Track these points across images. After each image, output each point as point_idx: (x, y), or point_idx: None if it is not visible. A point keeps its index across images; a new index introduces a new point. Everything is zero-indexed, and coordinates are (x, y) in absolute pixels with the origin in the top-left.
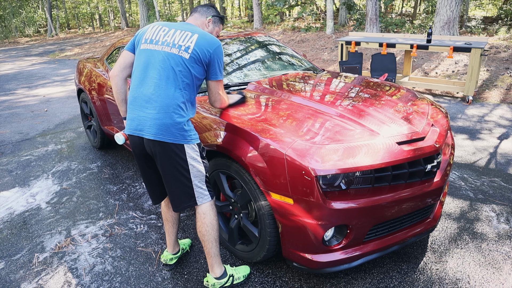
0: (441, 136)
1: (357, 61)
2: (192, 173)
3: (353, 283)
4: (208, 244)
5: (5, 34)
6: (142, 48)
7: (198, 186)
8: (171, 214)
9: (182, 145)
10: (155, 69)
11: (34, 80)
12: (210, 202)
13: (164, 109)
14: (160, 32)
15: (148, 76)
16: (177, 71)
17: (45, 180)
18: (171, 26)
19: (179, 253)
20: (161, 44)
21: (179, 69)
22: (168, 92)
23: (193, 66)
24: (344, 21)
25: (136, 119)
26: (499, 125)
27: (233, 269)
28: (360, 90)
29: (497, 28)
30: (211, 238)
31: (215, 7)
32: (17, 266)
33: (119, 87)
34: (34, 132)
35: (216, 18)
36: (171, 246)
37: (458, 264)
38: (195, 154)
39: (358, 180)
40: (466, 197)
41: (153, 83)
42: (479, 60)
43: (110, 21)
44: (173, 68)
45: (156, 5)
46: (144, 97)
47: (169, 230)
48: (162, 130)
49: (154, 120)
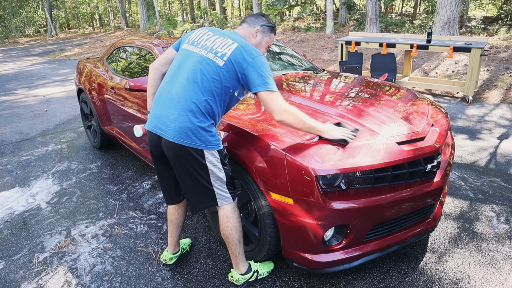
0: (441, 136)
1: (357, 61)
2: (212, 177)
3: (353, 283)
4: (233, 246)
5: (5, 34)
6: (182, 48)
7: (219, 189)
8: (177, 216)
9: (202, 150)
10: (186, 70)
11: (34, 80)
12: (232, 205)
13: (185, 112)
14: (204, 36)
15: (178, 76)
16: (208, 77)
17: (45, 180)
18: (216, 32)
19: (178, 252)
20: (200, 47)
21: (210, 75)
22: (193, 95)
23: (225, 74)
24: (344, 21)
25: (157, 117)
26: (499, 125)
27: (257, 264)
28: (360, 90)
29: (497, 28)
30: (235, 240)
31: (266, 16)
32: (17, 266)
33: (154, 80)
34: (34, 132)
35: (265, 28)
36: (172, 246)
37: (458, 264)
38: (215, 160)
39: (358, 180)
40: (466, 197)
41: (180, 84)
42: (479, 60)
43: (110, 21)
44: (203, 73)
45: (156, 5)
46: (169, 96)
47: (173, 231)
48: (182, 133)
49: (174, 122)
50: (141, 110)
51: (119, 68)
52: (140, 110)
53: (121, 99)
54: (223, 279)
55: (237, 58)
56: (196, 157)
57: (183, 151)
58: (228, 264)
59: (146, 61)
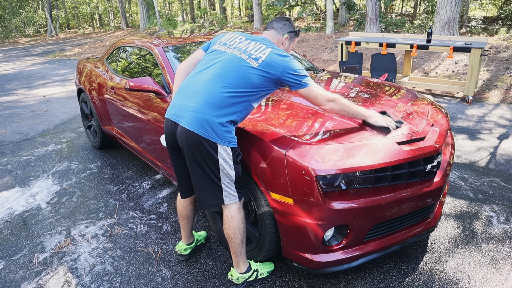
0: (441, 136)
1: (357, 61)
2: (221, 173)
3: (353, 283)
4: (235, 246)
5: (5, 34)
6: (213, 47)
7: (227, 186)
8: (186, 212)
9: (216, 143)
10: (215, 66)
11: (34, 80)
12: (238, 205)
13: (205, 105)
14: (236, 39)
15: (206, 71)
16: (237, 75)
17: (45, 180)
18: (248, 37)
19: (193, 243)
20: (232, 48)
21: (240, 73)
22: (216, 90)
23: (258, 76)
24: (344, 21)
25: (178, 106)
26: (499, 125)
27: (258, 264)
28: (360, 90)
29: (497, 28)
30: (238, 241)
31: (291, 21)
32: (17, 266)
33: (179, 80)
34: (34, 132)
35: (291, 34)
36: (185, 238)
37: (458, 264)
38: (228, 156)
39: (358, 180)
40: (466, 197)
41: (206, 77)
42: (479, 60)
43: (110, 21)
44: (232, 70)
45: (156, 5)
46: (193, 88)
47: (184, 225)
48: (199, 123)
49: (193, 112)
50: (141, 110)
51: (119, 68)
52: (140, 110)
53: (121, 99)
54: (223, 279)
55: (272, 62)
56: (208, 149)
57: (197, 141)
58: (228, 264)
59: (146, 61)
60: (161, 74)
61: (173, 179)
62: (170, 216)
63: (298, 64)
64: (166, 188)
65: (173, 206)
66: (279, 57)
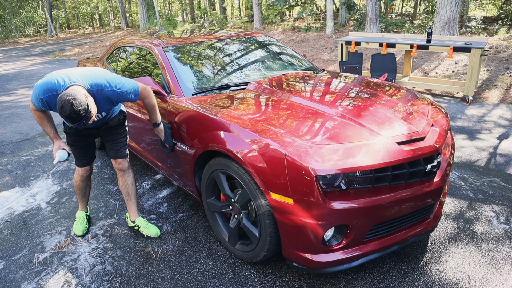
0: (441, 136)
1: (357, 61)
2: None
3: (353, 283)
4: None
5: (5, 34)
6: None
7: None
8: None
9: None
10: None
11: (34, 80)
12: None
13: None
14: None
15: None
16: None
17: (45, 180)
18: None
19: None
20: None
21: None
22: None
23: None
24: (344, 21)
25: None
26: (499, 125)
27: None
28: (360, 90)
29: (497, 28)
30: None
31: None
32: (17, 266)
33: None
34: (34, 132)
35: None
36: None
37: (458, 264)
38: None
39: (358, 180)
40: (466, 197)
41: None
42: (479, 60)
43: (110, 21)
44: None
45: (156, 5)
46: None
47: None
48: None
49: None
50: (141, 110)
51: (119, 68)
52: (140, 110)
53: None
54: (223, 279)
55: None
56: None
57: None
58: (228, 264)
59: (146, 61)
60: (161, 74)
61: (173, 179)
62: (170, 216)
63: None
64: (166, 188)
65: (173, 206)
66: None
